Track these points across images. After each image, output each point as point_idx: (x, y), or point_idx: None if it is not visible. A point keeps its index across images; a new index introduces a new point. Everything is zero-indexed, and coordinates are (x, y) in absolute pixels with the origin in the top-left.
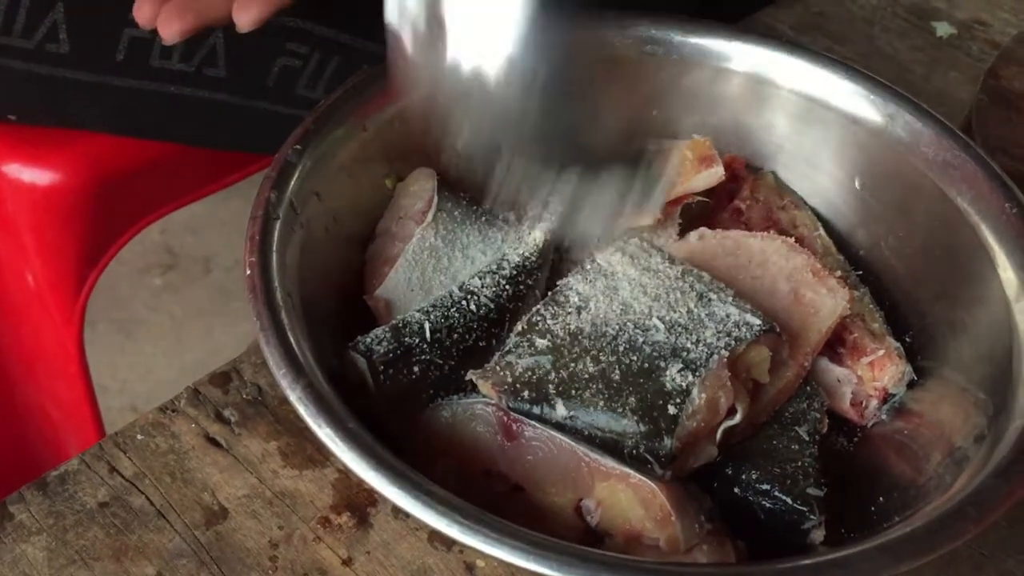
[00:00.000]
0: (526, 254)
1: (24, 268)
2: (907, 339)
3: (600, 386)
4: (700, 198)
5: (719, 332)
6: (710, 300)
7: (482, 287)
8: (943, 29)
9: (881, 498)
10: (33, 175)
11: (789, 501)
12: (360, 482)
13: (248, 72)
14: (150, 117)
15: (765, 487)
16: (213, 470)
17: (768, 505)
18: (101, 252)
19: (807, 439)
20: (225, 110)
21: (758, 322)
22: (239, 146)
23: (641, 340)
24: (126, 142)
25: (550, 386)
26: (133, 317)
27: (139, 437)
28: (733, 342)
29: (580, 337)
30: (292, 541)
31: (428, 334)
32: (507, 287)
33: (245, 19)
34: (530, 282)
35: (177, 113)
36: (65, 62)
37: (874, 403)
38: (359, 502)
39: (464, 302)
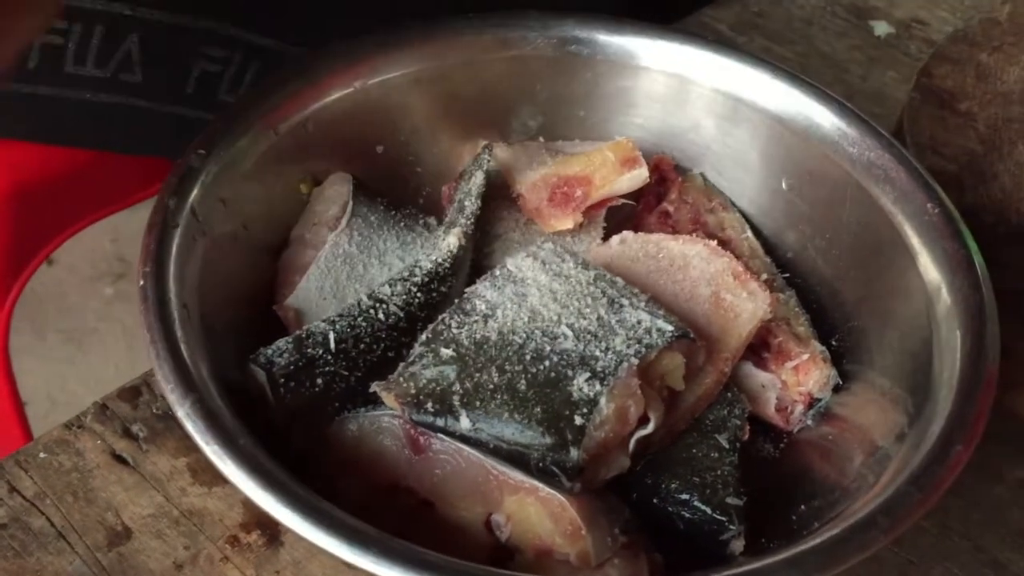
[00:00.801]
0: (439, 260)
1: None
2: (833, 343)
3: (505, 397)
4: (626, 201)
5: (629, 339)
6: (622, 306)
7: (392, 295)
8: (881, 28)
9: (803, 505)
10: None
11: (708, 511)
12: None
13: (166, 77)
14: (67, 124)
15: (684, 497)
16: (118, 488)
17: (687, 515)
18: (25, 262)
19: (727, 447)
20: (144, 116)
21: (670, 328)
22: (162, 152)
23: (549, 348)
24: (47, 149)
25: (454, 397)
26: (83, 327)
27: (42, 455)
28: (643, 349)
29: (486, 346)
30: (198, 562)
31: (333, 345)
32: (418, 295)
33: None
34: (443, 289)
35: (95, 120)
36: None
37: (799, 408)
38: (270, 520)
39: (372, 311)
